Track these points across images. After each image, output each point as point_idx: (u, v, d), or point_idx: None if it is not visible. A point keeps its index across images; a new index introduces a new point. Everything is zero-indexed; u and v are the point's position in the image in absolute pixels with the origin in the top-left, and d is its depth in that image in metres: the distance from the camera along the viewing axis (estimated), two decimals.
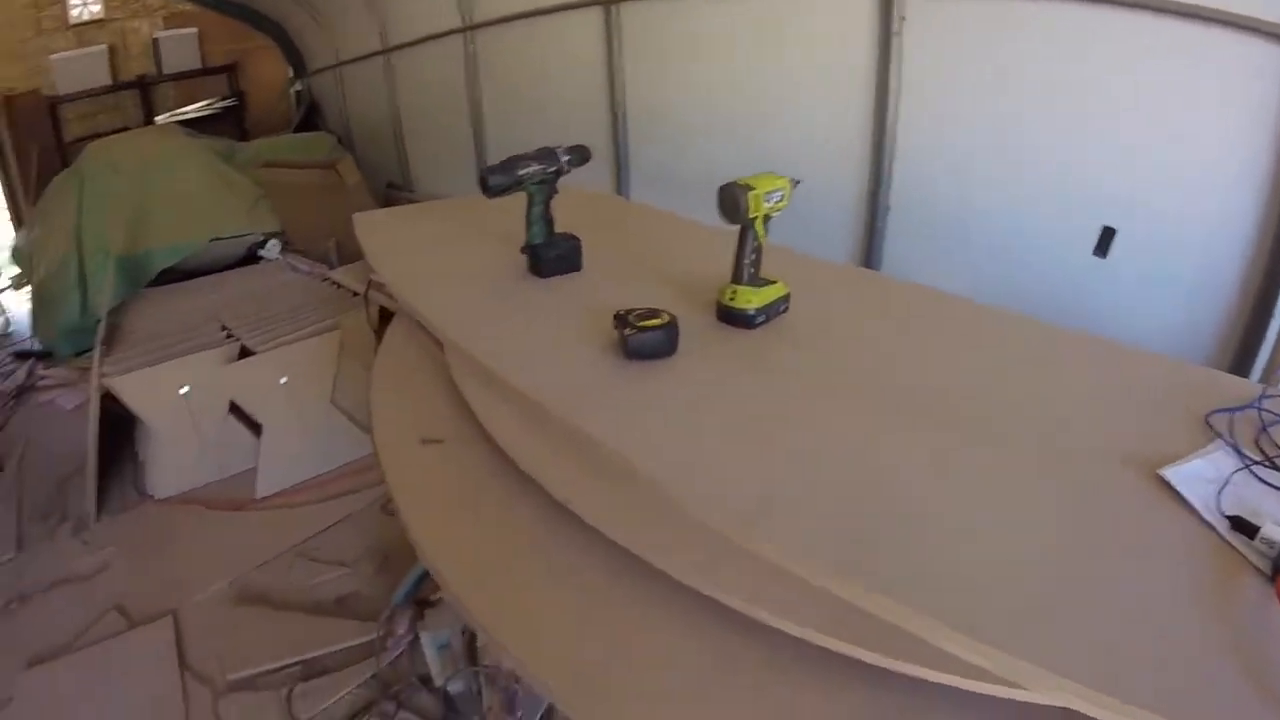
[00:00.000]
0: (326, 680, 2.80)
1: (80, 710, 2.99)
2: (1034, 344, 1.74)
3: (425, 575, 2.82)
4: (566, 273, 2.17)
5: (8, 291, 6.56)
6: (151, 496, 4.04)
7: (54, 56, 8.92)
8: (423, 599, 2.84)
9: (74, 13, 9.07)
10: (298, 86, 9.67)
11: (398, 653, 2.76)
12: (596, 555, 1.30)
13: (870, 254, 3.44)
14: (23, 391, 6.04)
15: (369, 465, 3.82)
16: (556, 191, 2.16)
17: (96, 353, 4.15)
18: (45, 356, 6.53)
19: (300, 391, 3.86)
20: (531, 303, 2.05)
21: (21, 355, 6.80)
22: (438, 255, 2.54)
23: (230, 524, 3.83)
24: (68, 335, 6.10)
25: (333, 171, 4.46)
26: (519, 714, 2.40)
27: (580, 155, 2.19)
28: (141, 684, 3.00)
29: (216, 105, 9.41)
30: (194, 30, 9.40)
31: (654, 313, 1.63)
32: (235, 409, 4.00)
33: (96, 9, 9.14)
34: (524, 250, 2.20)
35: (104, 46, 9.11)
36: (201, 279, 5.54)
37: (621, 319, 1.63)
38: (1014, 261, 3.05)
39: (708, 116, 4.07)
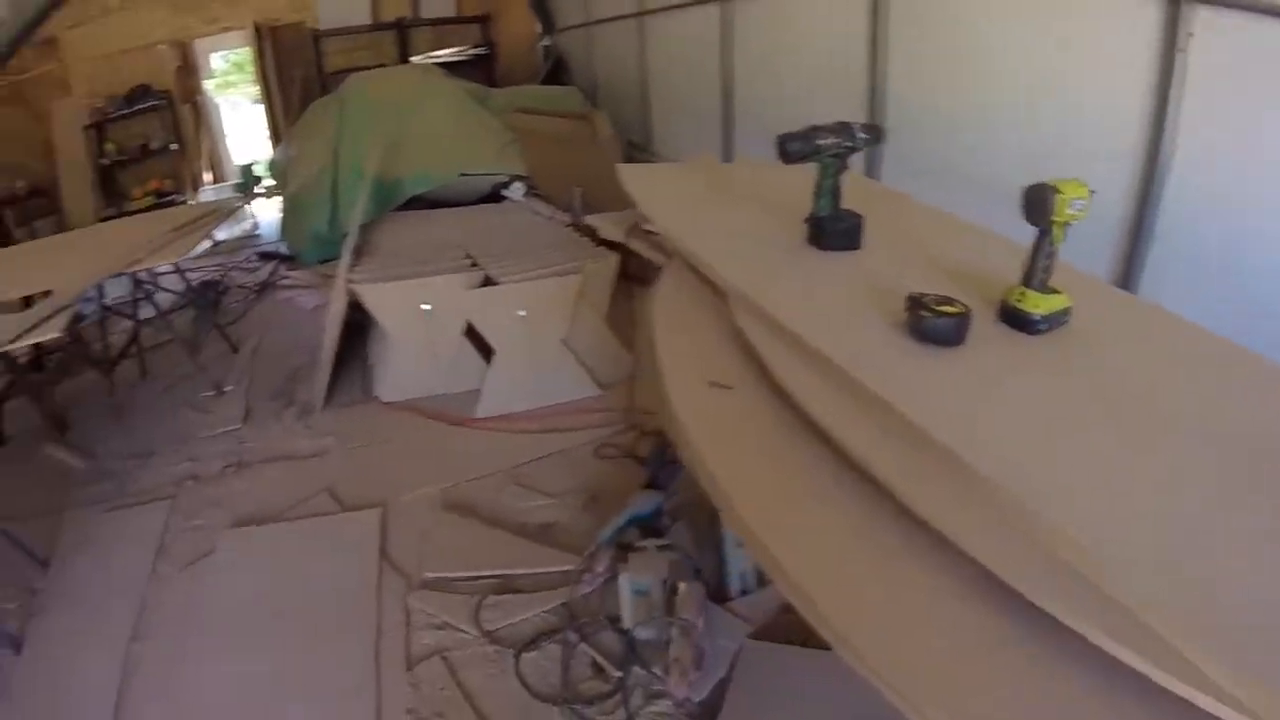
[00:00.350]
0: (517, 599, 2.88)
1: (273, 573, 3.27)
2: None
3: (632, 520, 2.89)
4: (846, 249, 2.17)
5: (259, 198, 7.36)
6: (377, 398, 4.47)
7: None
8: (627, 543, 2.83)
9: None
10: (546, 41, 10.14)
11: (591, 589, 2.80)
12: (886, 517, 1.29)
13: (1126, 281, 3.12)
14: (265, 287, 6.90)
15: (588, 407, 4.17)
16: (847, 167, 2.19)
17: (345, 259, 4.64)
18: (288, 260, 7.39)
19: (535, 326, 4.06)
20: (814, 271, 2.08)
21: (266, 255, 7.72)
22: (709, 213, 2.62)
23: (447, 436, 4.11)
24: (314, 243, 6.87)
25: (586, 123, 4.76)
26: (703, 670, 2.41)
27: (875, 135, 2.23)
28: (339, 562, 3.26)
29: (468, 52, 9.95)
30: None
31: (948, 300, 1.64)
32: (470, 332, 4.24)
33: None
34: (808, 220, 2.24)
35: None
36: (445, 210, 6.00)
37: (916, 301, 1.65)
38: None
39: (973, 111, 3.83)
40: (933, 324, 1.63)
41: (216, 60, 11.19)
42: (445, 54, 9.97)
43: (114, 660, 2.97)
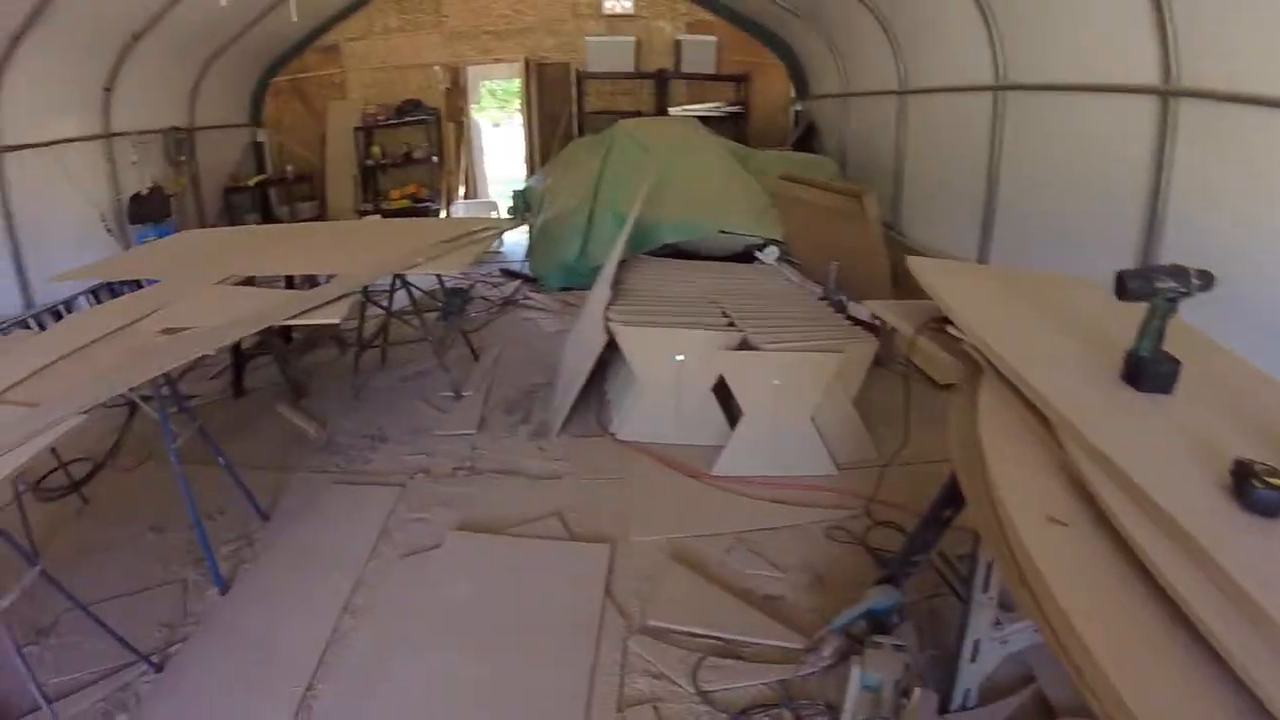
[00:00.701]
0: (737, 665, 2.81)
1: (494, 584, 3.28)
2: None
3: (868, 613, 2.75)
4: (1159, 392, 2.10)
5: (528, 222, 7.62)
6: (613, 434, 4.46)
7: (589, 38, 10.28)
8: (855, 634, 2.77)
9: (607, 5, 10.37)
10: (798, 106, 10.39)
11: (814, 671, 2.74)
12: (1224, 682, 1.23)
13: None
14: (508, 303, 7.07)
15: (823, 486, 3.96)
16: (1177, 311, 2.07)
17: (601, 293, 4.64)
18: (531, 281, 7.59)
19: (787, 396, 3.95)
20: (1132, 410, 2.02)
21: (510, 273, 7.94)
22: (1017, 326, 2.50)
23: (681, 486, 4.00)
24: (560, 270, 7.04)
25: (854, 200, 4.66)
26: None
27: (1206, 281, 2.11)
28: (563, 589, 3.24)
29: (723, 109, 10.13)
30: (713, 38, 10.32)
31: (1276, 472, 1.56)
32: (718, 389, 4.19)
33: (628, 5, 10.37)
34: (1127, 357, 2.14)
35: (632, 38, 10.32)
36: (697, 262, 6.01)
37: (1244, 468, 1.58)
38: None
39: (1272, 240, 3.46)
40: (1265, 496, 1.53)
41: (484, 86, 11.86)
42: (701, 108, 10.16)
43: (322, 625, 3.02)
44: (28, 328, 6.19)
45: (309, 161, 10.90)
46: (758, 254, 6.10)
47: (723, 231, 6.38)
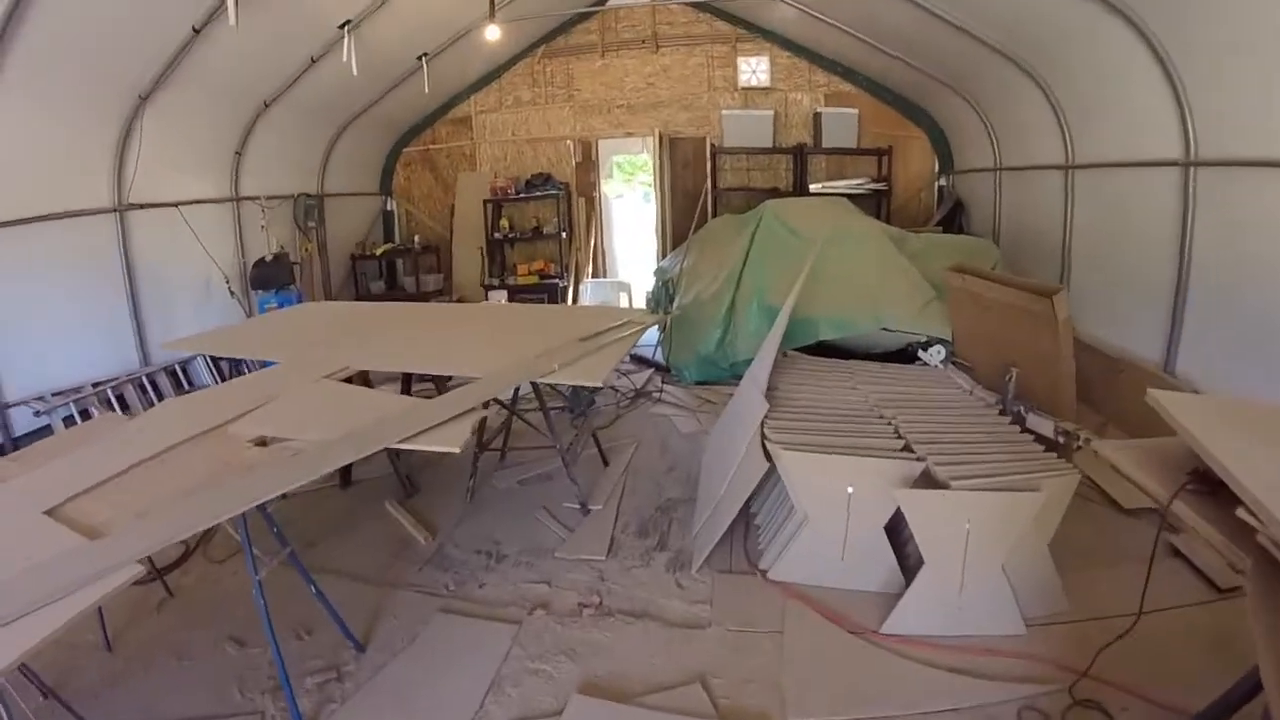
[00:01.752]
0: None
1: None
2: None
3: None
4: None
5: (669, 317, 7.08)
6: (763, 571, 3.77)
7: (725, 112, 9.87)
8: None
9: (743, 78, 9.95)
10: (942, 181, 9.71)
11: None
12: None
13: None
14: (639, 395, 6.52)
15: (1009, 650, 3.19)
16: None
17: (755, 407, 4.03)
18: (664, 370, 7.03)
19: (976, 542, 3.33)
20: None
21: (642, 361, 7.41)
22: None
23: (845, 646, 3.32)
24: (698, 362, 6.46)
25: (1043, 300, 3.97)
26: None
27: None
28: None
29: (866, 186, 9.56)
30: (855, 111, 9.78)
31: None
32: (891, 527, 3.65)
33: (764, 78, 9.93)
34: None
35: (770, 112, 9.87)
36: (856, 362, 5.34)
37: None
38: None
39: None
40: None
41: (616, 161, 11.59)
42: (843, 185, 9.56)
43: None
44: (142, 389, 6.25)
45: (437, 232, 10.77)
46: (921, 353, 5.36)
47: (885, 329, 5.70)
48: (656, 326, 7.13)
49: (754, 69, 10.12)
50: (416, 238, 10.48)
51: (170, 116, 6.31)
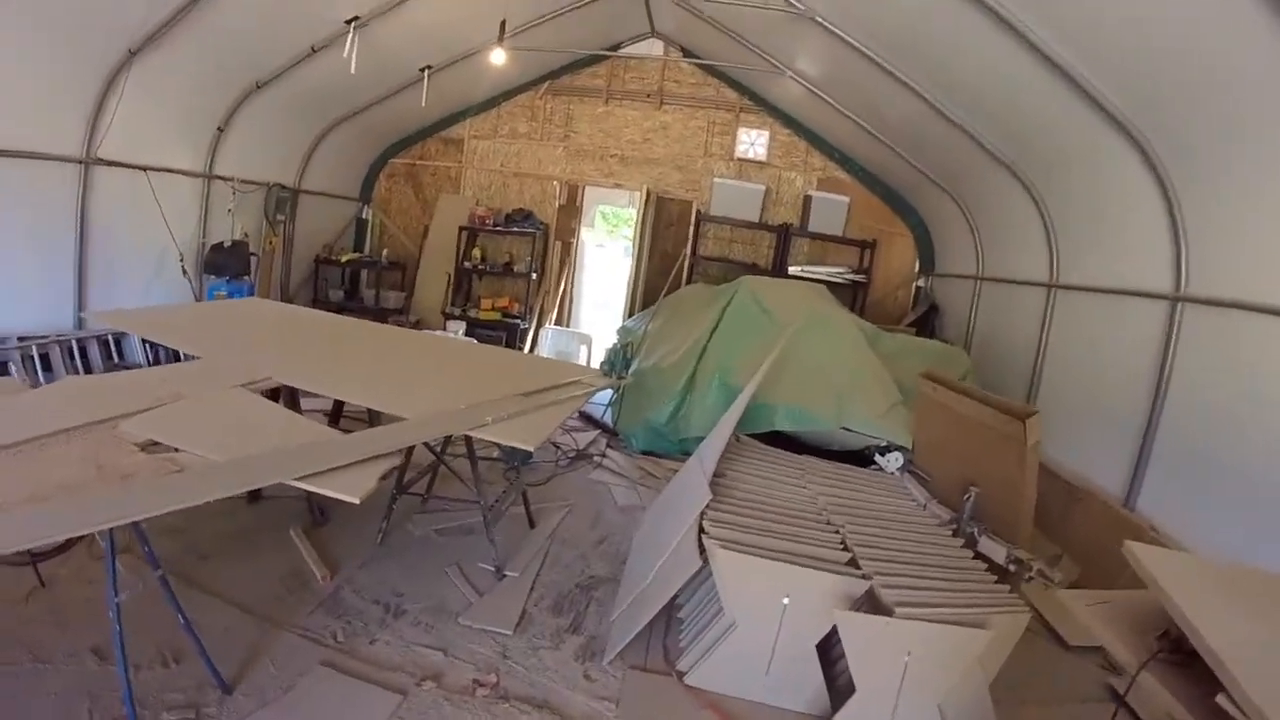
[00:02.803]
0: None
1: None
2: None
3: None
4: None
5: (622, 383, 6.77)
6: (681, 673, 3.46)
7: (717, 180, 9.72)
8: None
9: (741, 148, 9.85)
10: (920, 282, 9.61)
11: None
12: None
13: None
14: (580, 456, 6.24)
15: None
16: None
17: (698, 487, 3.78)
18: (611, 433, 6.76)
19: (915, 675, 3.03)
20: None
21: (588, 419, 7.13)
22: None
23: None
24: (645, 431, 6.19)
25: (1015, 423, 3.80)
26: None
27: None
28: None
29: (846, 275, 9.40)
30: (846, 199, 9.63)
31: None
32: (823, 645, 3.34)
33: (762, 151, 9.83)
34: None
35: (763, 187, 9.73)
36: (807, 457, 5.00)
37: None
38: None
39: None
40: None
41: (601, 210, 11.39)
42: (823, 271, 9.39)
43: None
44: (70, 354, 5.90)
45: (408, 250, 10.47)
46: (879, 458, 5.14)
47: (845, 428, 5.46)
48: (615, 392, 6.85)
49: (753, 141, 10.07)
50: (385, 252, 10.18)
51: (157, 77, 6.06)
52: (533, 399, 3.89)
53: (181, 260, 6.89)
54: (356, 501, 2.67)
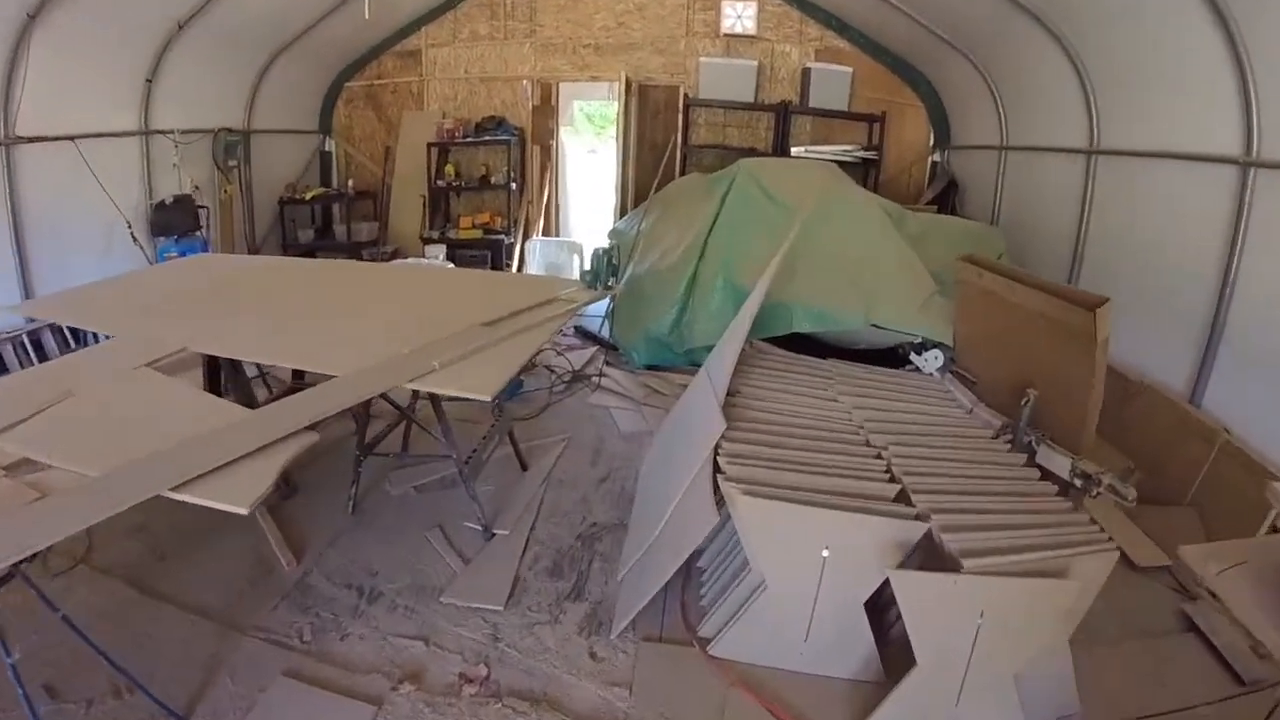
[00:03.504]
0: None
1: None
2: None
3: None
4: None
5: (611, 293, 6.01)
6: (703, 641, 2.92)
7: (703, 59, 8.81)
8: None
9: (727, 23, 8.88)
10: (936, 156, 8.73)
11: None
12: None
13: None
14: (576, 379, 5.62)
15: None
16: None
17: (710, 411, 3.14)
18: (610, 349, 6.11)
19: (988, 640, 2.45)
20: None
21: (587, 335, 6.49)
22: None
23: None
24: (647, 344, 5.54)
25: (1085, 313, 3.12)
26: None
27: None
28: None
29: (854, 153, 8.42)
30: (849, 70, 8.54)
31: None
32: (874, 600, 2.75)
33: (750, 24, 8.89)
34: None
35: (754, 63, 8.84)
36: (832, 361, 4.27)
37: None
38: None
39: None
40: None
41: (579, 108, 10.45)
42: (829, 150, 8.53)
43: None
44: (24, 349, 5.38)
45: (378, 177, 9.69)
46: (914, 357, 4.46)
47: (874, 326, 4.72)
48: (612, 302, 6.16)
49: (739, 14, 9.03)
50: (351, 182, 9.43)
51: (65, 37, 5.39)
52: (498, 328, 3.24)
53: (130, 227, 6.31)
54: (244, 513, 2.06)
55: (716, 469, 2.86)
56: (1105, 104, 5.24)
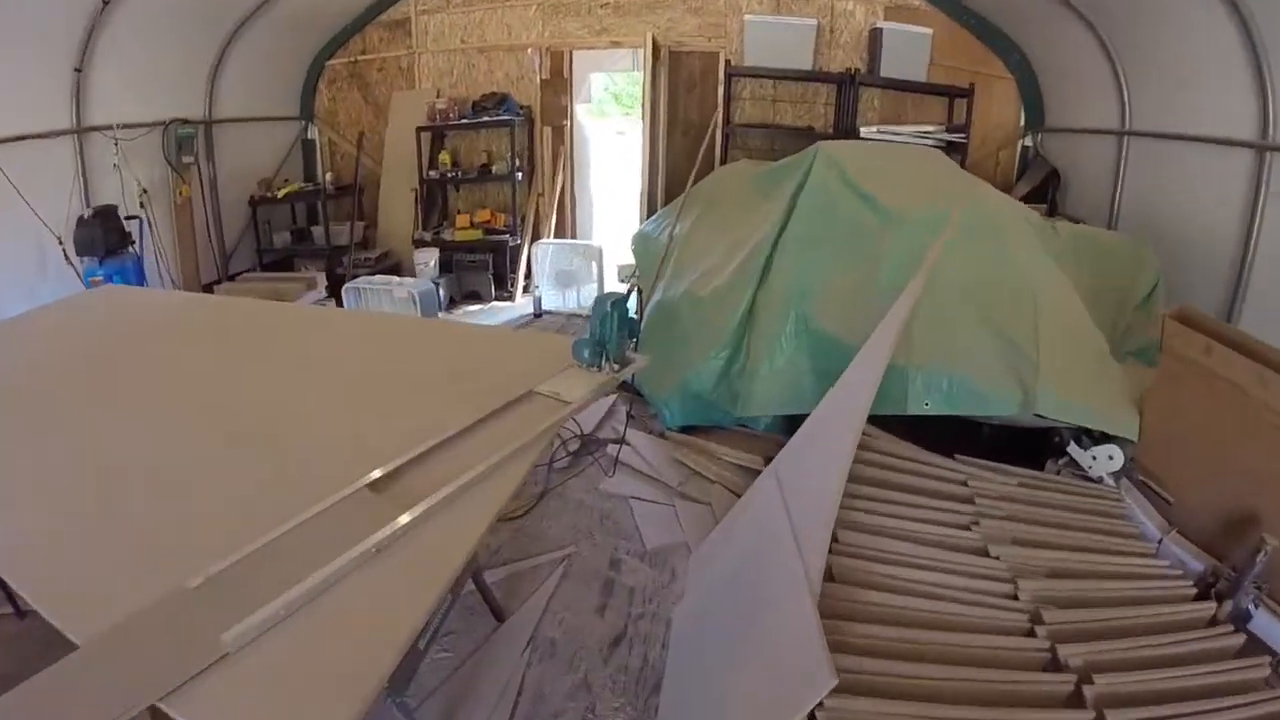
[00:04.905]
0: None
1: None
2: None
3: None
4: None
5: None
6: None
7: (749, 18, 7.13)
8: None
9: None
10: (1027, 140, 7.17)
11: None
12: None
13: None
14: (585, 447, 4.05)
15: None
16: None
17: (801, 603, 1.69)
18: (636, 395, 4.53)
19: None
20: None
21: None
22: None
23: None
24: (683, 399, 3.98)
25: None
26: None
27: None
28: None
29: (936, 135, 6.83)
30: (928, 31, 7.13)
31: None
32: None
33: None
34: None
35: (813, 22, 7.19)
36: (960, 461, 2.86)
37: None
38: None
39: None
40: None
41: (597, 82, 8.87)
42: (906, 131, 6.94)
43: None
44: None
45: (367, 166, 8.24)
46: (1074, 450, 2.90)
47: (1039, 416, 3.06)
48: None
49: None
50: (329, 175, 8.08)
51: None
52: (404, 491, 1.71)
53: (60, 243, 5.44)
54: None
55: None
56: None
